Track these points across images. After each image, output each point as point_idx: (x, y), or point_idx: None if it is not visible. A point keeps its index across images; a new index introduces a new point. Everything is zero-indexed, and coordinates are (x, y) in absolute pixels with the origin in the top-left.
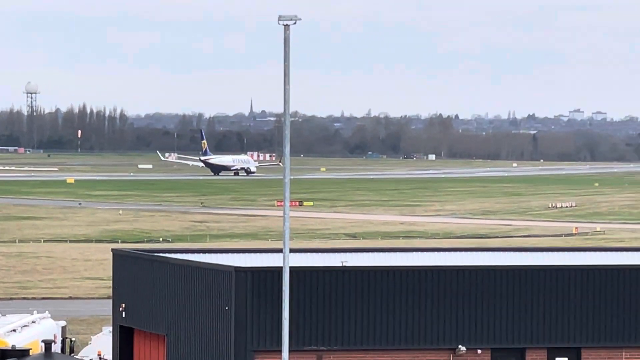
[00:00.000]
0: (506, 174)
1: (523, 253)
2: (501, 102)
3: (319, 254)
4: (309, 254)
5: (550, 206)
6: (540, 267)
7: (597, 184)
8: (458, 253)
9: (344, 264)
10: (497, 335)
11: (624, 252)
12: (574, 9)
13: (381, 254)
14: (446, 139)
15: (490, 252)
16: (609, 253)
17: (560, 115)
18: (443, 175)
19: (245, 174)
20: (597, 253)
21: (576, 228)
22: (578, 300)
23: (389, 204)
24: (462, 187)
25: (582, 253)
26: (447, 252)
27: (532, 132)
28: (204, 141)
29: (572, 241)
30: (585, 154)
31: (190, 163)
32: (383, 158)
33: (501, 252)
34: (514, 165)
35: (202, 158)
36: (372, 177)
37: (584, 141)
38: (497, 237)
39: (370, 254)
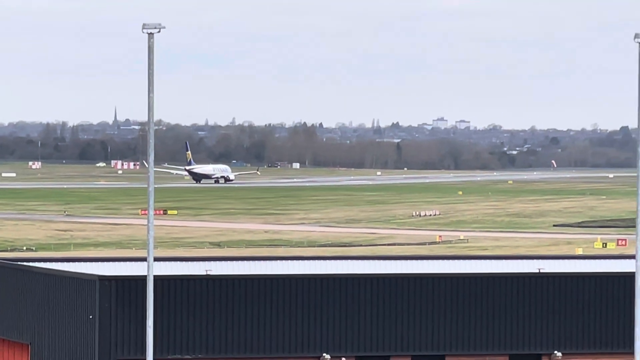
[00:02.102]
0: (370, 183)
1: (387, 261)
2: (365, 111)
3: (184, 262)
4: (173, 262)
5: (414, 214)
6: (404, 275)
7: (460, 193)
8: (322, 261)
9: (208, 273)
10: (361, 342)
11: (487, 260)
12: (439, 16)
13: (245, 262)
14: (310, 147)
15: (355, 261)
16: (472, 261)
17: (424, 124)
18: (307, 184)
19: (224, 182)
20: (461, 261)
21: (440, 236)
22: (442, 308)
23: (253, 212)
24: (327, 196)
25: (445, 261)
26: (311, 261)
27: (396, 140)
28: (189, 152)
29: (436, 249)
30: (449, 162)
31: (174, 172)
32: (247, 166)
33: (365, 261)
34: (378, 173)
35: (187, 168)
36: (236, 185)
37: (447, 150)
38: (361, 245)
39: (234, 262)
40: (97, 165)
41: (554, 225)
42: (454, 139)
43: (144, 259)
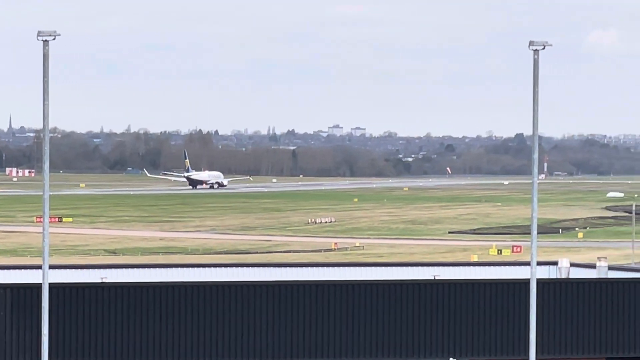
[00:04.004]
0: (266, 190)
1: (283, 268)
2: (261, 118)
3: (79, 270)
4: (68, 270)
5: (309, 221)
6: (300, 283)
7: (356, 200)
8: (218, 269)
9: (104, 280)
10: (257, 349)
11: (383, 267)
12: (334, 24)
13: (141, 270)
14: (206, 154)
15: (250, 268)
16: (368, 268)
17: (320, 131)
18: (203, 191)
19: (217, 187)
20: (357, 268)
21: (335, 243)
22: (338, 315)
23: (148, 219)
24: (222, 203)
25: (341, 268)
26: (207, 268)
27: (292, 147)
28: (187, 160)
29: (332, 256)
30: (344, 169)
31: (173, 178)
32: (143, 174)
33: (261, 268)
34: (274, 180)
35: (185, 174)
36: (131, 193)
37: (343, 157)
38: (257, 252)
39: (130, 270)
40: None
41: (450, 232)
42: (350, 146)
43: (39, 267)
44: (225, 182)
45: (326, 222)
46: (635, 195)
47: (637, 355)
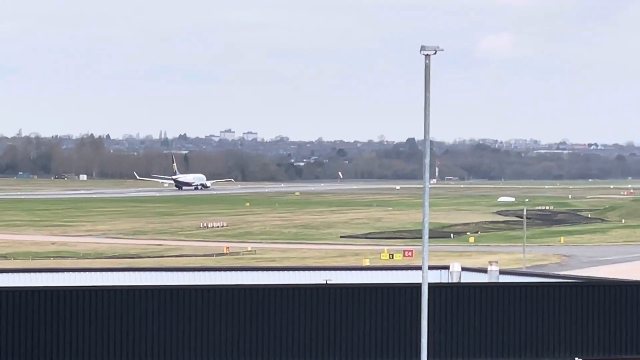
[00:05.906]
0: (158, 194)
1: (175, 273)
2: (152, 122)
3: None
4: None
5: (201, 226)
6: (192, 287)
7: (248, 204)
8: (109, 273)
9: None
10: (148, 354)
11: (275, 272)
12: (225, 27)
13: (32, 274)
14: (97, 159)
15: (142, 272)
16: (260, 272)
17: (212, 136)
18: (94, 195)
19: (202, 188)
20: (249, 272)
21: (227, 247)
22: (230, 320)
23: (40, 224)
24: (114, 207)
25: (233, 272)
26: (98, 272)
27: (184, 152)
28: (174, 164)
29: (224, 261)
30: (236, 173)
31: (160, 181)
32: (34, 178)
33: (153, 272)
34: (166, 185)
35: (173, 177)
36: (22, 197)
37: (235, 161)
38: (148, 257)
39: (20, 274)
40: None
41: (341, 237)
42: (241, 151)
43: None
44: (208, 184)
45: (218, 227)
46: (526, 200)
47: (527, 359)
